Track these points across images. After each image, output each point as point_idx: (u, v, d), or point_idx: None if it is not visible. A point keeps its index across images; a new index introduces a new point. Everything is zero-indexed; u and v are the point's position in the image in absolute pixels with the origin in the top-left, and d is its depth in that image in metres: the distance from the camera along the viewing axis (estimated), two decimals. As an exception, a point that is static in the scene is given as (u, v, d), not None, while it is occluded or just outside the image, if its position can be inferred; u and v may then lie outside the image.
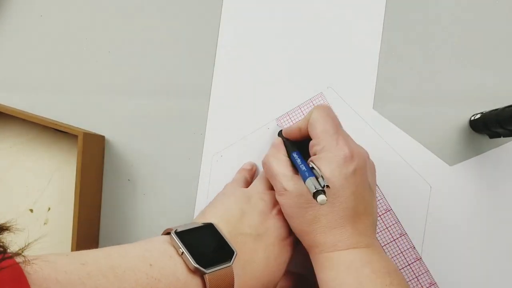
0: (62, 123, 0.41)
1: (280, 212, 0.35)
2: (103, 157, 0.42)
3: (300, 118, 0.41)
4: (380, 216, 0.39)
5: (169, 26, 0.43)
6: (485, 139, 0.40)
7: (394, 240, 0.39)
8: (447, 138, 0.41)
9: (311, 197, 0.30)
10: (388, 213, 0.40)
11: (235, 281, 0.29)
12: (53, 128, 0.39)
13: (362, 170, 0.32)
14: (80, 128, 0.41)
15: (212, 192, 0.41)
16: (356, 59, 0.41)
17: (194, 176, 0.42)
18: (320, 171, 0.31)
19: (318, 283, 0.33)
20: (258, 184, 0.37)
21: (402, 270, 0.39)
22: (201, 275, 0.28)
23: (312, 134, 0.34)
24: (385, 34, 0.42)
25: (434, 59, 0.41)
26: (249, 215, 0.34)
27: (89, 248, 0.39)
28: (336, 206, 0.31)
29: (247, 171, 0.40)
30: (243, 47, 0.42)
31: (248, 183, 0.39)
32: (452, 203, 0.40)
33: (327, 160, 0.32)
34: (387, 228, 0.39)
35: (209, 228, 0.31)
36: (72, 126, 0.41)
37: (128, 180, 0.42)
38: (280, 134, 0.39)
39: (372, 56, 0.41)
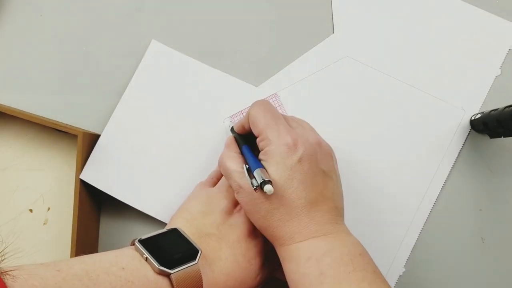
0: (62, 123, 0.41)
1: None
2: (103, 157, 0.42)
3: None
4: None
5: (169, 25, 0.43)
6: (485, 139, 0.40)
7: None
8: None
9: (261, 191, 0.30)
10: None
11: (204, 279, 0.30)
12: (53, 128, 0.39)
13: (310, 157, 0.31)
14: (80, 128, 0.41)
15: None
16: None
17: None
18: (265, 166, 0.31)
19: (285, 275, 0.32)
20: (222, 184, 0.38)
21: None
22: (168, 276, 0.29)
23: (255, 132, 0.34)
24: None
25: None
26: (211, 215, 0.35)
27: (89, 249, 0.39)
28: (286, 198, 0.31)
29: None
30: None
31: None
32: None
33: (271, 153, 0.32)
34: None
35: (174, 233, 0.33)
36: (72, 126, 0.41)
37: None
38: (232, 130, 0.39)
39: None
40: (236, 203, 0.36)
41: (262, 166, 0.31)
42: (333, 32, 0.42)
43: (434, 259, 0.40)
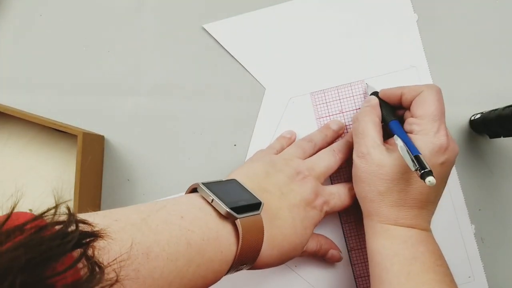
0: (62, 123, 0.41)
1: (306, 178, 0.35)
2: (102, 157, 0.42)
3: (335, 99, 0.41)
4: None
5: (169, 25, 0.43)
6: (485, 139, 0.40)
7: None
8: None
9: (392, 171, 0.32)
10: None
11: (264, 232, 0.30)
12: (53, 128, 0.39)
13: (449, 165, 0.33)
14: (80, 128, 0.41)
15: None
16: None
17: (194, 176, 0.42)
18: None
19: (368, 249, 0.34)
20: (288, 151, 0.37)
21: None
22: (232, 221, 0.29)
23: (416, 112, 0.34)
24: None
25: (433, 59, 0.41)
26: (274, 176, 0.34)
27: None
28: (413, 188, 0.32)
29: (285, 139, 0.40)
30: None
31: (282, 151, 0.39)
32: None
33: (423, 142, 0.32)
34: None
35: (234, 183, 0.32)
36: (72, 126, 0.41)
37: (128, 180, 0.42)
38: (375, 94, 0.38)
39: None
40: (299, 172, 0.35)
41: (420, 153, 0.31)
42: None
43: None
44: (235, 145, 0.42)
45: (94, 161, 0.40)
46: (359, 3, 0.42)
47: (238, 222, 0.28)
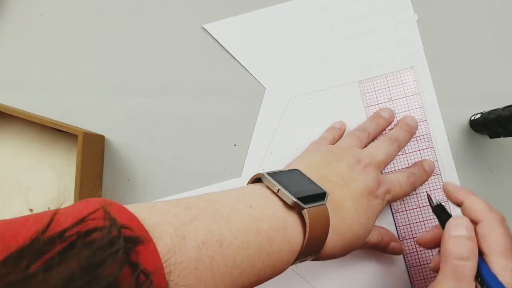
0: (62, 123, 0.41)
1: (367, 166, 0.34)
2: (103, 157, 0.42)
3: (383, 88, 0.40)
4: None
5: (169, 25, 0.43)
6: (485, 139, 0.40)
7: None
8: (447, 138, 0.40)
9: None
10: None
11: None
12: (53, 128, 0.39)
13: None
14: (80, 128, 0.41)
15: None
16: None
17: (194, 176, 0.42)
18: None
19: None
20: (344, 141, 0.37)
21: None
22: (298, 212, 0.29)
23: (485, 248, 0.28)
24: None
25: (433, 59, 0.41)
26: (335, 165, 0.34)
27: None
28: None
29: (336, 130, 0.40)
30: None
31: (334, 142, 0.39)
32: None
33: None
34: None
35: (296, 173, 0.32)
36: (72, 126, 0.41)
37: (128, 180, 0.42)
38: (440, 207, 0.33)
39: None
40: (360, 160, 0.34)
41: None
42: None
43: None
44: (235, 145, 0.42)
45: (94, 161, 0.40)
46: (359, 3, 0.42)
47: (305, 212, 0.28)
